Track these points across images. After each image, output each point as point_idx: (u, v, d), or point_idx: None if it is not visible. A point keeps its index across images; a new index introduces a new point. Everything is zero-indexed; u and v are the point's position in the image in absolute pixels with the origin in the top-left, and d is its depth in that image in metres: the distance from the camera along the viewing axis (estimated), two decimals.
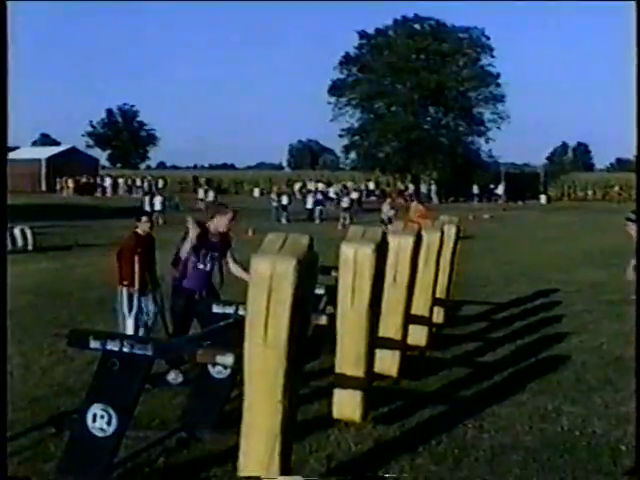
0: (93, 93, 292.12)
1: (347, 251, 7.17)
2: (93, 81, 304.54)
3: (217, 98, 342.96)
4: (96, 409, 5.79)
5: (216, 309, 7.94)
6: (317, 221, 43.20)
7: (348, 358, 7.33)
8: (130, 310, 10.36)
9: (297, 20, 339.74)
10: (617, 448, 7.36)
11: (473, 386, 9.41)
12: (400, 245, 9.34)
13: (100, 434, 5.78)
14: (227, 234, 9.88)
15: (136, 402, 6.12)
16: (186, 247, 9.43)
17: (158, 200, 43.09)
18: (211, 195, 53.11)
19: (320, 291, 9.05)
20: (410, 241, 9.43)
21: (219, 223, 9.75)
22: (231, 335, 6.37)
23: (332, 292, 8.30)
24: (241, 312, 6.80)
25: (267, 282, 4.96)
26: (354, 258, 7.12)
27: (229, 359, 5.41)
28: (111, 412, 5.76)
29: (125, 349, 5.74)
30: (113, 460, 5.95)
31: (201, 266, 9.59)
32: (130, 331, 10.23)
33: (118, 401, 5.79)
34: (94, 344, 5.86)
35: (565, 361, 10.69)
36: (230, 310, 7.56)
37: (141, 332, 10.35)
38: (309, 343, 8.53)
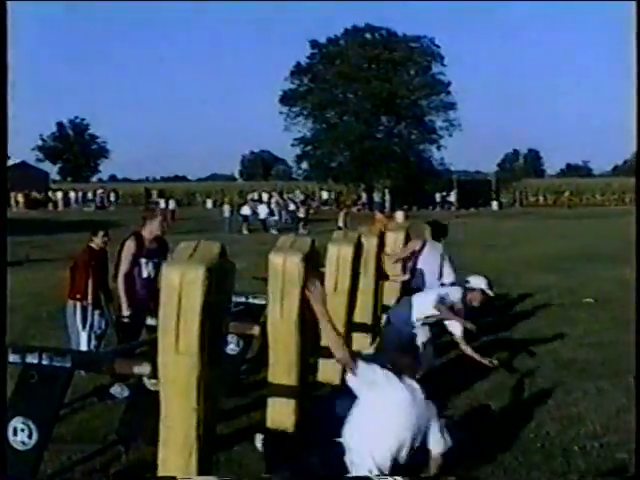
0: (42, 106, 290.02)
1: (275, 260, 7.14)
2: (42, 94, 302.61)
3: (169, 110, 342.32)
4: (17, 422, 5.71)
5: (150, 321, 7.89)
6: (274, 231, 43.11)
7: (280, 367, 7.29)
8: (84, 324, 10.30)
9: (249, 30, 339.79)
10: (570, 449, 7.40)
11: None
12: (340, 254, 9.33)
13: (21, 447, 5.71)
14: (163, 238, 9.87)
15: (57, 414, 6.07)
16: (123, 264, 9.46)
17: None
18: (172, 205, 52.37)
19: (261, 301, 9.00)
20: (350, 250, 9.41)
21: (152, 228, 9.74)
22: None
23: None
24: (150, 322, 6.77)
25: (177, 290, 4.93)
26: (282, 267, 7.08)
27: (146, 369, 5.38)
28: (31, 425, 5.69)
29: (44, 361, 5.68)
30: (36, 473, 5.88)
31: (145, 275, 9.57)
32: (84, 345, 10.20)
33: (38, 414, 5.72)
34: (13, 357, 5.80)
35: (517, 365, 10.75)
36: None
37: (93, 345, 10.31)
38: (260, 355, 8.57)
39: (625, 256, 26.72)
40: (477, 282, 9.94)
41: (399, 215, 40.18)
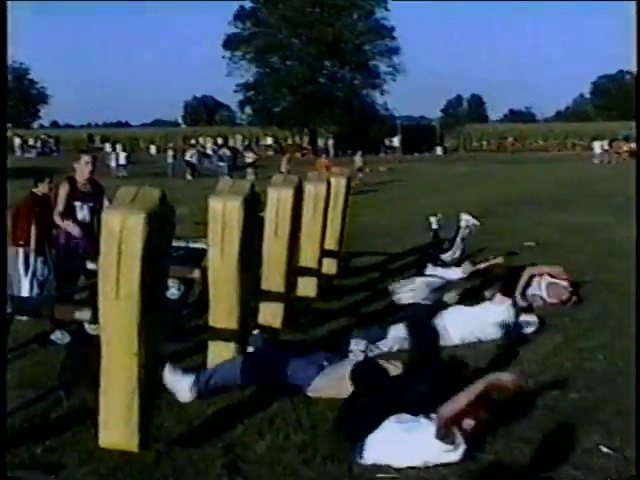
0: None
1: (215, 205, 7.15)
2: None
3: (111, 54, 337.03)
4: None
5: (90, 266, 7.88)
6: (226, 177, 42.98)
7: (220, 311, 7.35)
8: (26, 271, 10.26)
9: None
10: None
11: None
12: (280, 197, 9.33)
13: None
14: (97, 182, 9.81)
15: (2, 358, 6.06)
16: (58, 205, 9.36)
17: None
18: (122, 157, 51.44)
19: (202, 246, 9.01)
20: (290, 193, 9.41)
21: (82, 171, 9.67)
22: None
23: None
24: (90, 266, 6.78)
25: (117, 236, 4.95)
26: (222, 212, 7.10)
27: (87, 314, 5.41)
28: None
29: None
30: None
31: (79, 217, 9.51)
32: (25, 291, 10.16)
33: None
34: None
35: None
36: None
37: (36, 292, 10.28)
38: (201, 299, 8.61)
39: (565, 201, 27.19)
40: None
41: (357, 159, 40.54)
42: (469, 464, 5.78)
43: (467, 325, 9.22)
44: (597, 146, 64.59)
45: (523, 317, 9.61)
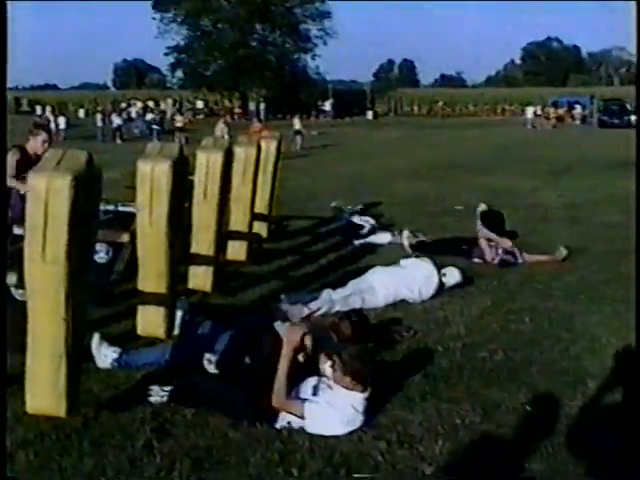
0: None
1: (144, 168, 7.06)
2: None
3: (39, 15, 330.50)
4: None
5: (17, 230, 7.77)
6: (155, 140, 42.62)
7: (149, 275, 7.30)
8: None
9: None
10: (435, 349, 7.65)
11: None
12: (209, 161, 9.25)
13: None
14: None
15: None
16: (9, 170, 9.14)
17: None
18: (62, 122, 50.39)
19: (131, 209, 8.92)
20: (219, 156, 9.33)
21: (34, 146, 9.50)
22: None
23: None
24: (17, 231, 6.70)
25: (43, 199, 4.88)
26: (151, 175, 7.03)
27: (12, 278, 5.35)
28: None
29: None
30: None
31: (22, 191, 9.32)
32: None
33: None
34: None
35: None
36: None
37: None
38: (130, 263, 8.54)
39: (495, 166, 27.49)
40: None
41: (296, 121, 40.63)
42: (397, 424, 5.85)
43: (392, 283, 9.33)
44: (529, 112, 65.74)
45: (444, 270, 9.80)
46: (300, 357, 6.21)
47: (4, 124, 5.66)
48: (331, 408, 5.80)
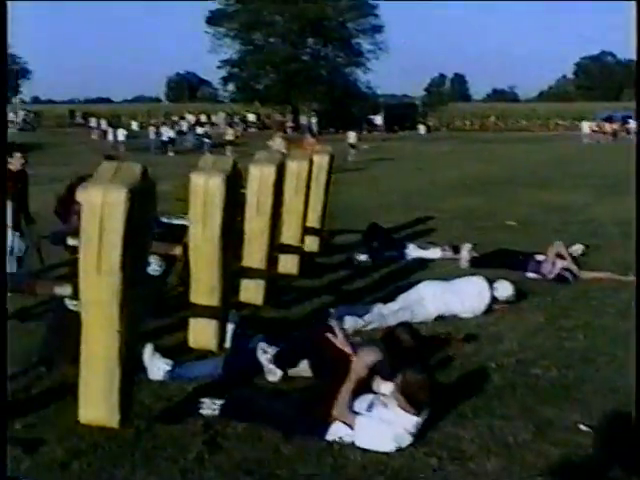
0: None
1: (197, 181, 7.09)
2: None
3: (94, 30, 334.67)
4: None
5: (71, 242, 7.80)
6: (207, 154, 42.88)
7: (202, 288, 7.30)
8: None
9: None
10: (487, 366, 7.61)
11: None
12: (262, 174, 9.28)
13: None
14: None
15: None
16: None
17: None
18: (121, 134, 50.98)
19: (184, 222, 8.97)
20: (272, 170, 9.37)
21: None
22: None
23: None
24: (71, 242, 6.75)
25: (99, 211, 4.91)
26: (204, 188, 7.05)
27: (67, 290, 5.38)
28: None
29: None
30: None
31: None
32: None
33: None
34: None
35: None
36: None
37: (13, 267, 10.23)
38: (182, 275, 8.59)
39: (546, 180, 27.27)
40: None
41: (350, 135, 40.78)
42: (449, 440, 5.82)
43: (443, 295, 9.31)
44: (585, 126, 65.44)
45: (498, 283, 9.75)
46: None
47: (4, 124, 5.71)
48: (383, 424, 5.78)
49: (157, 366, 6.99)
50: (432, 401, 6.05)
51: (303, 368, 7.12)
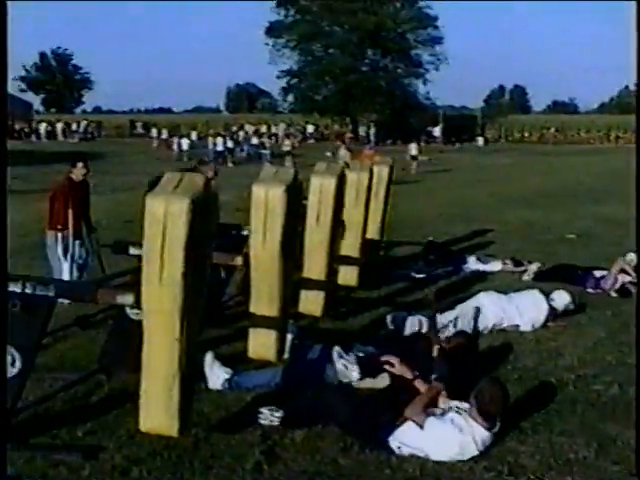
0: (24, 36, 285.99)
1: (258, 192, 7.13)
2: (24, 24, 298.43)
3: (154, 41, 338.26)
4: None
5: (133, 251, 7.89)
6: (267, 164, 43.07)
7: (261, 298, 7.34)
8: (65, 254, 10.37)
9: None
10: (547, 381, 7.52)
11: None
12: (322, 185, 9.30)
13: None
14: None
15: (39, 343, 6.11)
16: None
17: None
18: (185, 143, 51.45)
19: (245, 233, 9.01)
20: (332, 181, 9.37)
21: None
22: None
23: None
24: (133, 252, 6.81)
25: (161, 221, 4.94)
26: (265, 198, 7.09)
27: (129, 298, 5.43)
28: (14, 353, 5.73)
29: (27, 290, 5.70)
30: (18, 400, 5.94)
31: None
32: (66, 275, 10.28)
33: (21, 342, 5.75)
34: None
35: None
36: None
37: (75, 275, 10.37)
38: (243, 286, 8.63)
39: (606, 194, 26.96)
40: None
41: (412, 147, 40.83)
42: (508, 455, 5.76)
43: (501, 303, 9.28)
44: None
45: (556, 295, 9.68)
46: None
47: (4, 124, 5.77)
48: (454, 429, 5.77)
49: (217, 374, 7.03)
50: (505, 416, 6.04)
51: (380, 380, 7.08)
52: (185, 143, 50.54)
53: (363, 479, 5.40)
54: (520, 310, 9.33)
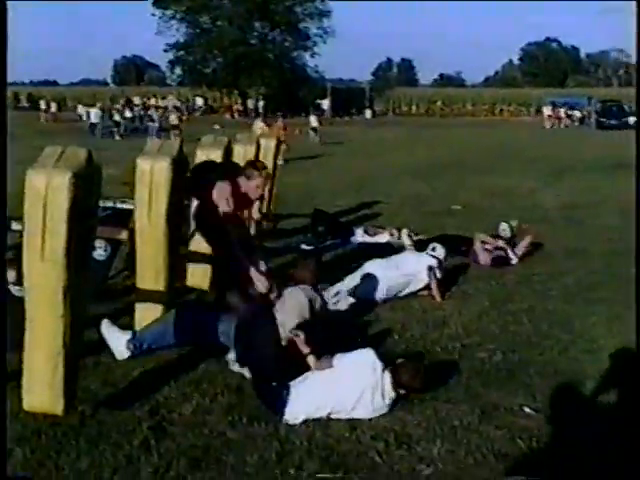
0: None
1: (143, 165, 7.04)
2: None
3: (38, 12, 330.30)
4: None
5: (15, 226, 7.72)
6: (154, 138, 42.53)
7: (147, 272, 7.28)
8: None
9: None
10: (433, 350, 7.66)
11: None
12: (208, 158, 9.21)
13: None
14: None
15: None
16: None
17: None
18: (94, 115, 49.48)
19: (130, 206, 8.88)
20: (218, 154, 9.28)
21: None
22: None
23: None
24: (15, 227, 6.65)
25: (42, 196, 4.85)
26: (150, 172, 7.00)
27: (11, 275, 5.34)
28: None
29: None
30: None
31: None
32: None
33: None
34: None
35: None
36: None
37: None
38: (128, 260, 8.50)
39: (492, 166, 27.49)
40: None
41: (312, 119, 41.16)
42: (395, 425, 5.84)
43: (387, 272, 9.40)
44: (547, 111, 67.94)
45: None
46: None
47: (4, 124, 5.63)
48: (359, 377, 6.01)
49: (117, 337, 6.79)
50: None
51: None
52: (94, 114, 48.31)
53: (252, 453, 5.40)
54: (400, 266, 9.47)
